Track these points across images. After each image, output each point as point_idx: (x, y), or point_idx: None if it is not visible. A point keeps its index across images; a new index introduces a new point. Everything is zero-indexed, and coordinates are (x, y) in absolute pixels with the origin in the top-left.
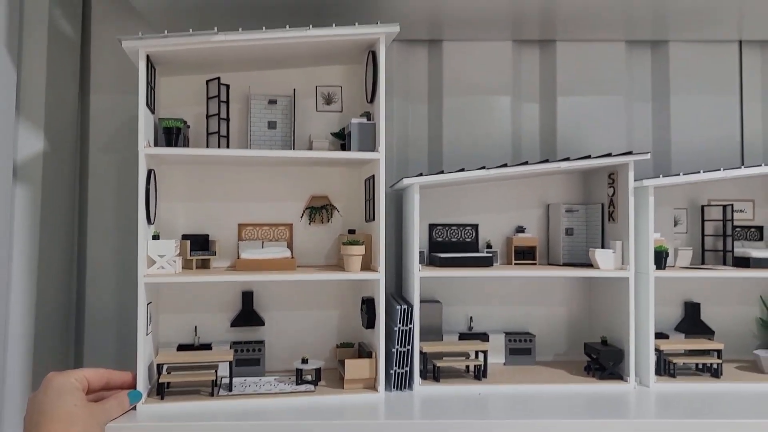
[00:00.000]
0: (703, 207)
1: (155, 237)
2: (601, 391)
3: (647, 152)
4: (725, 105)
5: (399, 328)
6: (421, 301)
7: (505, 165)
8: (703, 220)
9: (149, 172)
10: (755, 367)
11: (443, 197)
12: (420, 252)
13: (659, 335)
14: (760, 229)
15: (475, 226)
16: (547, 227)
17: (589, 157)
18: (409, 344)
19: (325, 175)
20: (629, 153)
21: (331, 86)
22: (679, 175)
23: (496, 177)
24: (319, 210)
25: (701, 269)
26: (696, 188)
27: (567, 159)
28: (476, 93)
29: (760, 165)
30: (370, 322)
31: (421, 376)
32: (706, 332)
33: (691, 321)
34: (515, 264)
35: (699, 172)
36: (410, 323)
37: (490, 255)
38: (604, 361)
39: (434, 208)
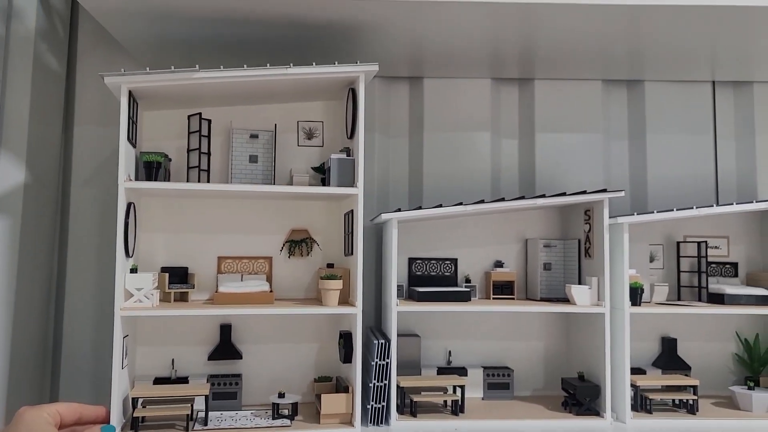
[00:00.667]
0: (678, 243)
1: (133, 270)
2: (578, 427)
3: (621, 190)
4: (700, 143)
5: (376, 362)
6: (399, 335)
7: (482, 201)
8: (678, 257)
9: (129, 205)
10: (731, 404)
11: (423, 231)
12: (399, 286)
13: (636, 371)
14: (734, 265)
15: (455, 261)
16: (525, 262)
17: (564, 194)
18: (386, 379)
19: (305, 208)
20: (604, 190)
21: (313, 121)
22: (653, 212)
23: (474, 212)
24: (299, 243)
25: (676, 305)
26: (672, 225)
27: (543, 196)
28: (456, 129)
29: (732, 203)
30: (347, 357)
31: (398, 411)
32: (683, 368)
33: (668, 356)
34: (493, 299)
35: (673, 209)
36: (388, 357)
37: (468, 290)
38: (580, 396)
39: (414, 242)
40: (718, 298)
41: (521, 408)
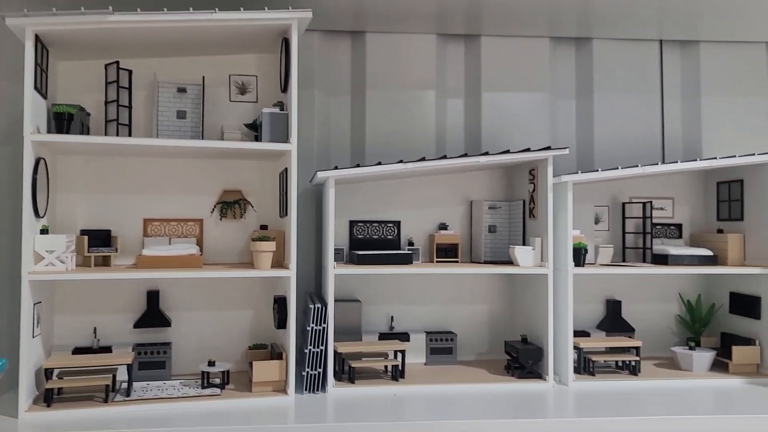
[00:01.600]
0: (624, 204)
1: (44, 231)
2: (520, 391)
3: (566, 148)
4: (647, 103)
5: (312, 327)
6: (340, 301)
7: (423, 159)
8: (624, 218)
9: (37, 161)
10: (672, 364)
11: (365, 194)
12: (340, 249)
13: (581, 333)
14: (679, 226)
15: (398, 223)
16: (471, 224)
17: (508, 152)
18: (322, 345)
19: (238, 168)
20: (548, 148)
21: (246, 75)
22: (597, 171)
23: (416, 172)
24: (231, 205)
25: (620, 266)
26: (617, 186)
27: (486, 153)
28: (400, 87)
29: (677, 162)
30: (281, 322)
31: (336, 377)
32: (627, 330)
33: (613, 319)
34: (437, 262)
35: (617, 168)
36: (324, 323)
37: (409, 252)
38: (523, 359)
39: (356, 204)
40: (661, 259)
41: (463, 372)
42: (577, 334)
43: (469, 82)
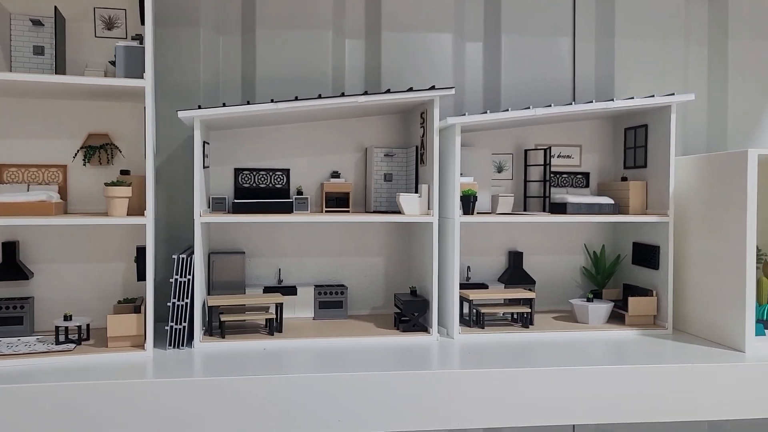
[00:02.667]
0: (526, 152)
1: None
2: (402, 344)
3: (451, 87)
4: (558, 46)
5: (176, 279)
6: (222, 253)
7: (296, 98)
8: (526, 166)
9: None
10: (572, 317)
11: (252, 139)
12: (222, 198)
13: (480, 285)
14: (586, 175)
15: (287, 171)
16: (365, 173)
17: (388, 91)
18: (187, 297)
19: (106, 110)
20: (432, 88)
21: (113, 9)
22: (486, 113)
23: (306, 116)
24: (97, 150)
25: (513, 215)
26: (523, 133)
27: (365, 93)
28: (294, 26)
29: (571, 104)
30: (140, 274)
31: (208, 332)
32: (528, 282)
33: (514, 271)
34: (326, 212)
35: (508, 110)
36: (189, 274)
37: (289, 201)
38: (407, 312)
39: (242, 151)
40: (560, 208)
41: (349, 326)
42: (477, 286)
43: (370, 22)
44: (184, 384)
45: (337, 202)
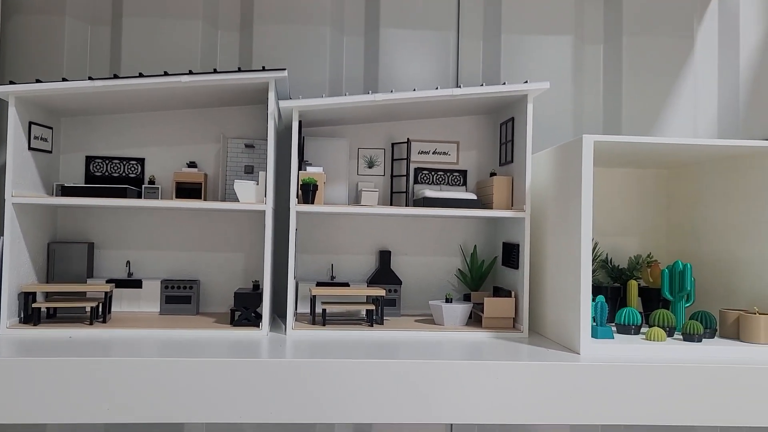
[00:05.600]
0: (393, 145)
1: None
2: (230, 338)
3: (283, 69)
4: (441, 41)
5: None
6: (61, 242)
7: (116, 76)
8: (393, 160)
9: None
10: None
11: (107, 127)
12: (71, 188)
13: (343, 284)
14: (463, 173)
15: (142, 161)
16: (226, 164)
17: (214, 71)
18: None
19: None
20: (262, 69)
21: None
22: (322, 96)
23: (157, 104)
24: None
25: (357, 207)
26: (399, 128)
27: (190, 72)
28: (160, 14)
29: (437, 88)
30: None
31: (26, 320)
32: (395, 282)
33: (381, 271)
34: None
35: (345, 94)
36: None
37: (123, 187)
38: (238, 306)
39: (95, 138)
40: (420, 203)
41: (185, 320)
42: (339, 285)
43: (245, 13)
44: None
45: (189, 192)
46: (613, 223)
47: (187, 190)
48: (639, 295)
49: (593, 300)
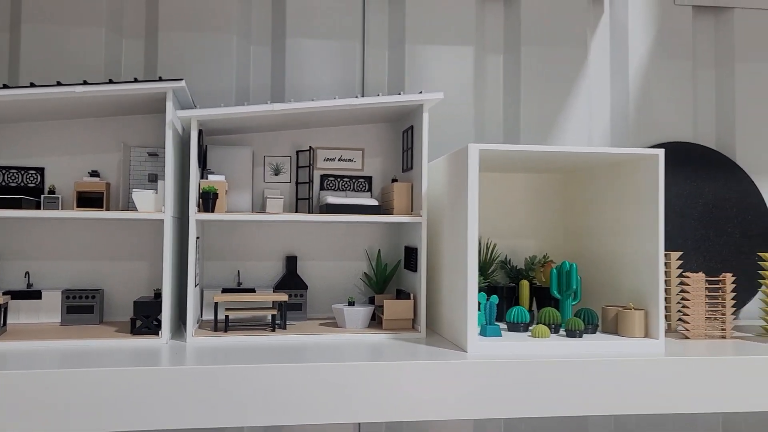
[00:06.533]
0: (298, 153)
1: None
2: (128, 347)
3: (181, 79)
4: (347, 50)
5: None
6: None
7: (6, 86)
8: (298, 167)
9: None
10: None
11: (4, 136)
12: None
13: (249, 290)
14: (369, 179)
15: (41, 170)
16: (129, 173)
17: (111, 81)
18: None
19: None
20: (160, 79)
21: None
22: (221, 106)
23: (56, 113)
24: None
25: (257, 213)
26: (306, 136)
27: (84, 83)
28: (62, 22)
29: (334, 97)
30: None
31: None
32: (301, 287)
33: (287, 276)
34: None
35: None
36: None
37: (19, 198)
38: (137, 314)
39: None
40: (322, 209)
41: (86, 331)
42: (246, 291)
43: (149, 22)
44: None
45: (91, 201)
46: (513, 226)
47: (89, 200)
48: (533, 294)
49: (488, 300)
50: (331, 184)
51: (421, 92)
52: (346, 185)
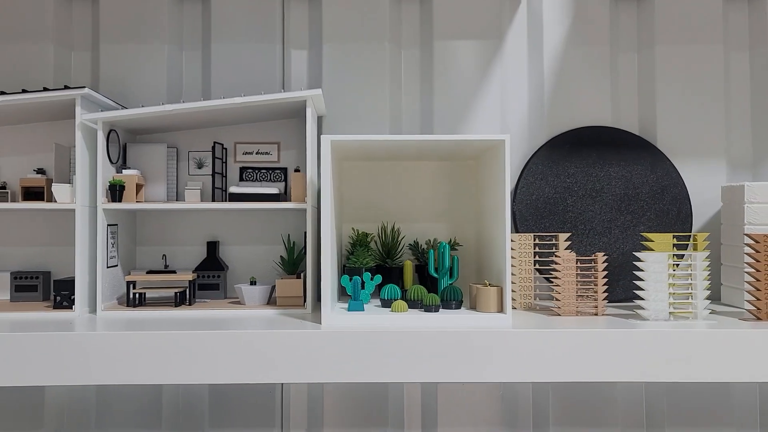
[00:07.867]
0: (213, 147)
1: None
2: (45, 319)
3: (83, 87)
4: (268, 52)
5: None
6: None
7: None
8: (214, 161)
9: None
10: None
11: None
12: None
13: (171, 272)
14: (284, 170)
15: None
16: (71, 170)
17: (23, 91)
18: None
19: None
20: (65, 87)
21: None
22: (142, 106)
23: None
24: None
25: (169, 203)
26: (226, 132)
27: (2, 93)
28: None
29: (242, 94)
30: None
31: None
32: (219, 269)
33: (208, 259)
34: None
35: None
36: None
37: None
38: (56, 291)
39: None
40: (231, 198)
41: (27, 306)
42: (169, 272)
43: (94, 33)
44: None
45: (35, 195)
46: (428, 211)
47: (33, 193)
48: (417, 273)
49: (372, 279)
50: (249, 176)
51: (301, 89)
52: (263, 176)
